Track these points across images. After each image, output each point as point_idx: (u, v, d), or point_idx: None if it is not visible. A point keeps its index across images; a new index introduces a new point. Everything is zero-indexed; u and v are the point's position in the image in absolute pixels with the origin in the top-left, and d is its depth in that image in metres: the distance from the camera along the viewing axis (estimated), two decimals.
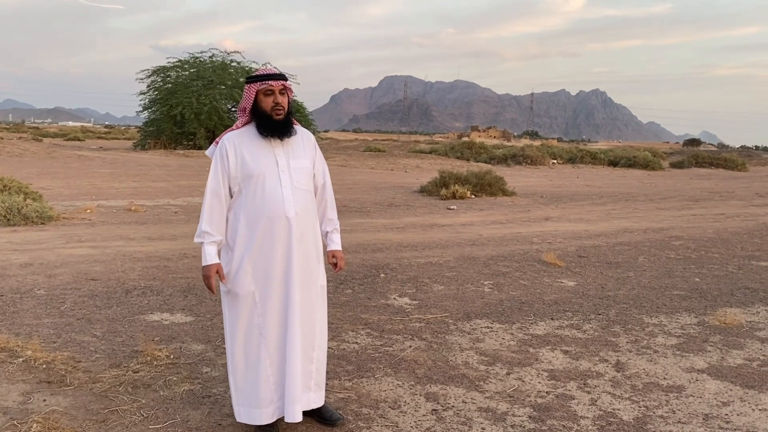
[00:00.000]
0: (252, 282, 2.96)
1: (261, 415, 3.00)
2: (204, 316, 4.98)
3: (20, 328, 4.47)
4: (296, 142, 3.08)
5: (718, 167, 32.76)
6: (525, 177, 22.83)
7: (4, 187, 9.95)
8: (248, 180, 2.96)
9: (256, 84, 2.99)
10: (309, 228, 3.06)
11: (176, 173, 18.16)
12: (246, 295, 2.96)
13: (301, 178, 3.03)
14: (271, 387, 2.99)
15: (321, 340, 3.14)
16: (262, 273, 2.96)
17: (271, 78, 2.98)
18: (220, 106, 30.47)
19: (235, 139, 3.02)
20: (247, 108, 3.03)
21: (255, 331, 2.98)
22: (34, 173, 15.68)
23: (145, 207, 11.25)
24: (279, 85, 2.99)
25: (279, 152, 3.01)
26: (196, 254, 7.26)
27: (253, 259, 2.95)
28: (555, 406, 3.56)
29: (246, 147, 2.99)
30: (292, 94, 3.09)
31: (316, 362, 3.11)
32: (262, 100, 2.98)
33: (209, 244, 2.97)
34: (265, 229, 2.94)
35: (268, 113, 2.97)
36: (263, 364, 2.98)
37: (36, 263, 6.50)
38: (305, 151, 3.10)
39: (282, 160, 3.00)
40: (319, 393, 3.15)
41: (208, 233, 2.97)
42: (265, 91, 2.98)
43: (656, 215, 12.78)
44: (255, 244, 2.95)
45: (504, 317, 5.27)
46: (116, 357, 4.02)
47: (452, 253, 7.99)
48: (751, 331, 5.09)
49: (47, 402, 3.33)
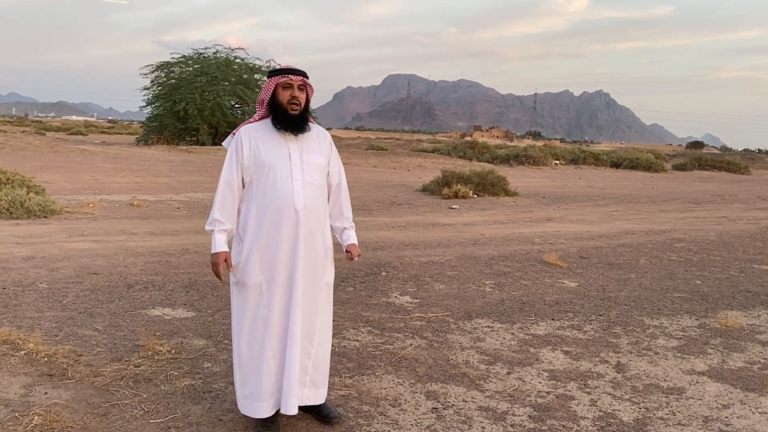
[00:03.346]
0: (260, 272, 2.99)
1: (261, 407, 3.02)
2: (205, 311, 4.99)
3: (22, 321, 4.48)
4: (311, 138, 3.12)
5: (721, 170, 32.72)
6: (527, 177, 22.81)
7: (7, 180, 9.96)
8: (260, 171, 3.00)
9: (276, 77, 3.05)
10: (317, 223, 3.08)
11: (179, 169, 18.17)
12: (254, 285, 3.00)
13: (312, 173, 3.06)
14: (273, 380, 3.01)
15: (321, 337, 3.13)
16: (269, 264, 2.99)
17: (291, 72, 3.04)
18: (223, 102, 30.41)
19: (251, 131, 3.07)
20: (264, 100, 3.08)
21: (260, 323, 3.00)
22: (37, 167, 15.70)
23: (148, 202, 11.26)
24: (299, 80, 3.04)
25: (293, 146, 3.05)
26: (198, 250, 7.27)
27: (261, 249, 2.99)
28: (555, 406, 3.57)
29: (261, 139, 3.04)
30: (312, 93, 3.14)
31: (313, 358, 3.09)
32: (280, 93, 3.03)
33: (219, 232, 3.02)
34: (273, 220, 2.97)
35: (284, 106, 3.02)
36: (266, 356, 3.00)
37: (38, 257, 6.51)
38: (320, 148, 3.14)
39: (295, 154, 3.04)
40: (315, 390, 3.12)
41: (218, 221, 3.02)
42: (284, 84, 3.03)
43: (658, 217, 12.77)
44: (263, 234, 2.99)
45: (505, 317, 5.28)
46: (118, 351, 4.03)
47: (454, 252, 7.99)
48: (752, 334, 5.09)
49: (48, 395, 3.34)
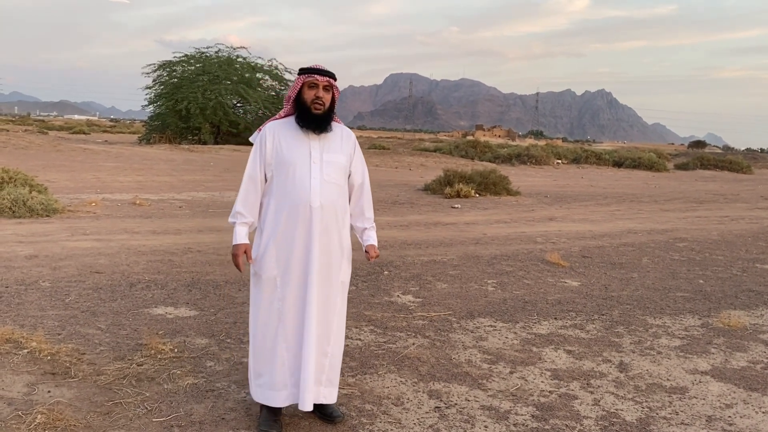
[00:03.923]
0: (275, 266, 3.08)
1: (275, 397, 3.09)
2: (208, 310, 5.00)
3: (25, 320, 4.49)
4: (334, 138, 3.18)
5: (723, 169, 32.65)
6: (529, 177, 22.79)
7: (10, 179, 9.97)
8: (281, 167, 3.09)
9: (303, 76, 3.12)
10: (334, 221, 3.12)
11: (181, 168, 18.18)
12: (268, 278, 3.09)
13: (331, 172, 3.11)
14: (286, 372, 3.08)
15: (337, 336, 3.20)
16: (285, 258, 3.07)
17: (317, 72, 3.10)
18: (225, 101, 30.42)
19: (276, 128, 3.16)
20: (291, 97, 3.17)
21: (274, 315, 3.09)
22: (40, 166, 15.71)
23: (150, 201, 11.26)
24: (324, 80, 3.10)
25: (314, 145, 3.11)
26: (200, 249, 7.27)
27: (277, 244, 3.08)
28: (558, 405, 3.56)
29: (284, 136, 3.13)
30: (338, 94, 3.19)
31: (330, 357, 3.16)
32: (306, 92, 3.11)
33: (240, 224, 3.13)
34: (289, 215, 3.05)
35: (308, 105, 3.09)
36: (280, 347, 3.08)
37: (41, 255, 6.52)
38: (342, 147, 3.19)
39: (316, 153, 3.10)
40: (331, 389, 3.19)
41: (240, 214, 3.13)
42: (310, 83, 3.11)
43: (660, 216, 12.75)
44: (280, 229, 3.07)
45: (507, 316, 5.27)
46: (120, 350, 4.04)
47: (456, 251, 7.98)
48: (754, 334, 5.09)
49: (51, 393, 3.35)
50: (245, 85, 31.41)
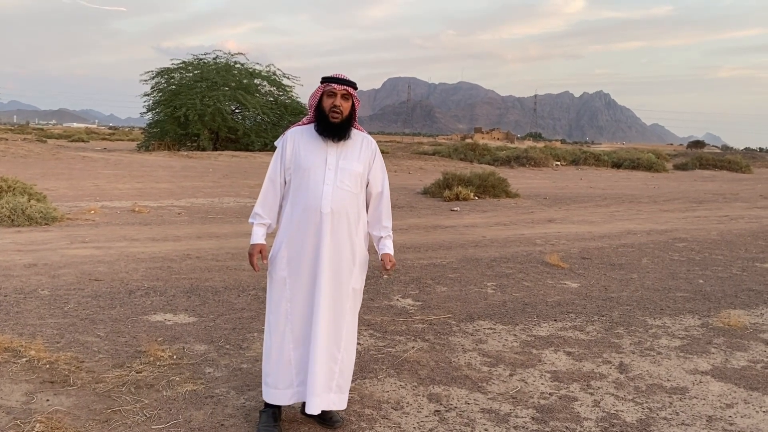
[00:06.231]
0: (285, 267, 3.15)
1: (281, 396, 3.14)
2: (207, 316, 4.99)
3: (24, 328, 4.48)
4: (353, 146, 3.22)
5: (722, 169, 32.70)
6: (528, 179, 22.81)
7: (9, 187, 9.97)
8: (298, 172, 3.16)
9: (323, 84, 3.19)
10: (345, 228, 3.15)
11: (180, 174, 18.19)
12: (279, 279, 3.17)
13: (345, 179, 3.15)
14: (292, 370, 3.13)
15: (348, 343, 3.21)
16: (295, 260, 3.14)
17: (335, 81, 3.15)
18: (223, 107, 30.46)
19: (298, 134, 3.24)
20: (312, 105, 3.24)
21: (282, 315, 3.15)
22: (39, 174, 15.72)
23: (149, 208, 11.26)
24: (342, 89, 3.15)
25: (331, 152, 3.17)
26: (199, 255, 7.27)
27: (289, 246, 3.15)
28: (558, 407, 3.56)
29: (304, 142, 3.20)
30: (358, 104, 3.23)
31: (340, 363, 3.17)
32: (325, 101, 3.17)
33: (258, 225, 3.24)
34: (301, 220, 3.12)
35: (326, 113, 3.15)
36: (287, 347, 3.13)
37: (40, 264, 6.51)
38: (360, 155, 3.23)
39: (332, 159, 3.15)
40: (341, 396, 3.20)
41: (258, 215, 3.24)
42: (329, 92, 3.16)
43: (660, 217, 12.75)
44: (292, 232, 3.15)
45: (507, 318, 5.27)
46: (119, 357, 4.03)
47: (455, 254, 7.98)
48: (755, 333, 5.08)
49: (50, 402, 3.34)
50: (243, 91, 31.45)
